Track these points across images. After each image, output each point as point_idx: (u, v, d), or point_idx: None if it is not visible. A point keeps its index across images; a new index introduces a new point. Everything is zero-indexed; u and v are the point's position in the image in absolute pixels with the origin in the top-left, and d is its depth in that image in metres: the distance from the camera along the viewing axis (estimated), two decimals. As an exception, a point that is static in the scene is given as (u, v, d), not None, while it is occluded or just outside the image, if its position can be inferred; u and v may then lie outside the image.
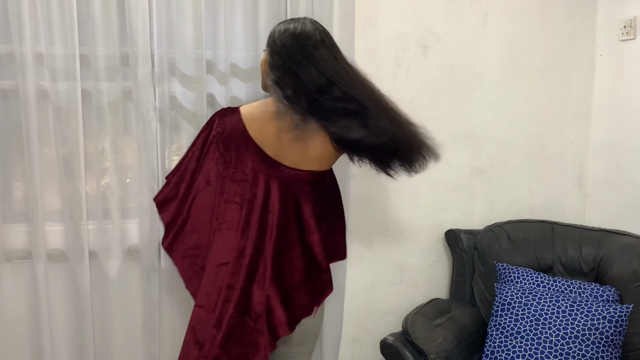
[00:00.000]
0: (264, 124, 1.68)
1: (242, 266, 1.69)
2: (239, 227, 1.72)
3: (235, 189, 1.73)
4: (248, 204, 1.71)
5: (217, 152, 1.79)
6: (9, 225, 2.12)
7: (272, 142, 1.68)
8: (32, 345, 2.14)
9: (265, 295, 1.68)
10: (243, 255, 1.70)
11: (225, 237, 1.74)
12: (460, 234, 2.46)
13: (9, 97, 2.07)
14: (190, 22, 2.12)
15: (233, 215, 1.73)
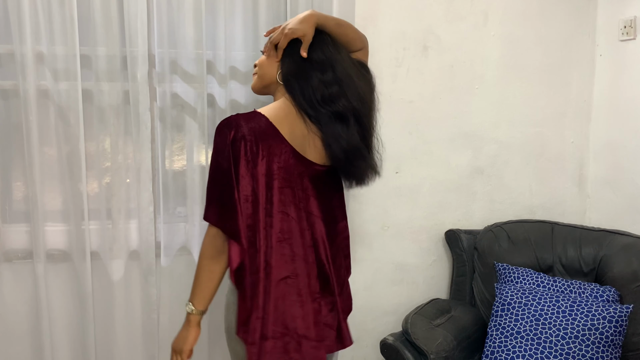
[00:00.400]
0: (292, 125, 1.58)
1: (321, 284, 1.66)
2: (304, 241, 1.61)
3: (283, 199, 1.57)
4: (300, 212, 1.60)
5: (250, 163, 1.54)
6: (9, 225, 2.12)
7: (301, 142, 1.60)
8: (32, 346, 2.14)
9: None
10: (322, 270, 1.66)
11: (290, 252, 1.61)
12: (460, 234, 2.46)
13: (10, 97, 2.08)
14: (190, 22, 2.12)
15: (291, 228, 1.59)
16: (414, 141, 2.48)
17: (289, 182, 1.56)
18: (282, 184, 1.55)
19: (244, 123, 1.52)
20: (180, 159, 2.23)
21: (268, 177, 1.53)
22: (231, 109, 2.20)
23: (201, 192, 2.20)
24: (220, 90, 2.19)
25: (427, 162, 2.50)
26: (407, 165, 2.48)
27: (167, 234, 2.18)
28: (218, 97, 2.20)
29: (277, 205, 1.54)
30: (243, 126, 1.51)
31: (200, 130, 2.18)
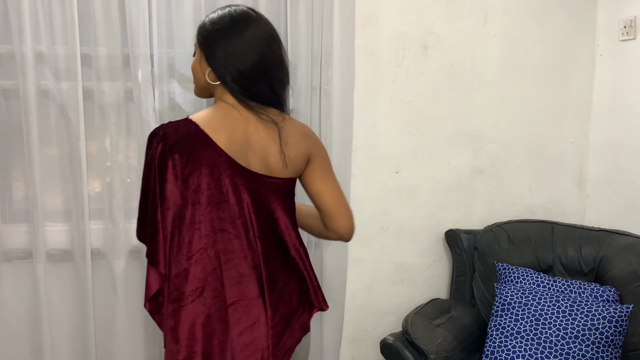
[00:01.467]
0: (231, 129, 1.40)
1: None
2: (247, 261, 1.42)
3: (220, 215, 1.39)
4: (236, 228, 1.41)
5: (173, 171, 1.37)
6: (9, 225, 2.12)
7: (241, 149, 1.41)
8: (32, 345, 2.14)
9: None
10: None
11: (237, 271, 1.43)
12: (460, 234, 2.46)
13: (10, 97, 2.07)
14: (190, 22, 2.12)
15: (233, 248, 1.41)
16: (414, 141, 2.48)
17: (224, 197, 1.39)
18: (217, 199, 1.38)
19: (172, 133, 1.36)
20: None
21: (200, 193, 1.37)
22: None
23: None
24: None
25: (427, 162, 2.50)
26: (407, 165, 2.48)
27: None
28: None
29: (213, 223, 1.39)
30: (171, 136, 1.36)
31: None
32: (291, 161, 1.46)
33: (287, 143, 1.44)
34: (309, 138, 1.51)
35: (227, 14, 1.45)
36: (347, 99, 2.30)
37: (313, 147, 1.52)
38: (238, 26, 1.43)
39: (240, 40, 1.41)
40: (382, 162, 2.45)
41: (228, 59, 1.42)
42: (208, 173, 1.37)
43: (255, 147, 1.42)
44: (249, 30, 1.42)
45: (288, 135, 1.46)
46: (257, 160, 1.42)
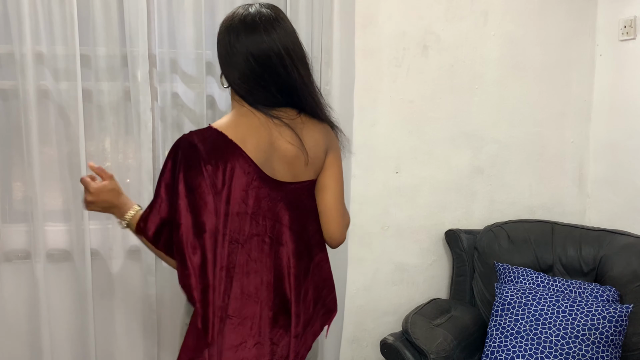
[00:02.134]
0: (257, 138, 1.36)
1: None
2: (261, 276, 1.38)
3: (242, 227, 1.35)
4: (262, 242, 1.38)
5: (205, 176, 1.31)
6: (9, 225, 2.12)
7: (268, 156, 1.37)
8: (32, 345, 2.14)
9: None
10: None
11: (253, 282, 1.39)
12: (460, 234, 2.46)
13: (10, 97, 2.07)
14: (190, 22, 2.12)
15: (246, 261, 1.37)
16: (414, 141, 2.48)
17: (249, 209, 1.35)
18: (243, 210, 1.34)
19: (201, 144, 1.30)
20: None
21: (229, 205, 1.32)
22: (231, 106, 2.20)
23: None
24: (219, 91, 2.19)
25: (427, 162, 2.50)
26: (407, 165, 2.48)
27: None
28: (218, 97, 2.20)
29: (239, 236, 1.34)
30: (199, 147, 1.30)
31: None
32: (312, 160, 1.44)
33: (306, 143, 1.42)
34: (327, 133, 1.49)
35: (233, 16, 1.40)
36: (347, 98, 2.30)
37: (330, 142, 1.50)
38: (233, 33, 1.37)
39: (240, 42, 1.36)
40: (382, 162, 2.45)
41: (227, 70, 1.39)
42: (239, 184, 1.32)
43: (279, 152, 1.38)
44: (254, 32, 1.35)
45: (307, 134, 1.43)
46: (282, 167, 1.39)
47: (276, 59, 1.35)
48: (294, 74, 1.38)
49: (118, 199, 1.42)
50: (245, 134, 1.34)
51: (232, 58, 1.36)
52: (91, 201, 1.41)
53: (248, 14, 1.38)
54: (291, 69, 1.37)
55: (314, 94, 1.43)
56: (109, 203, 1.42)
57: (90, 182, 1.41)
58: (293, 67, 1.37)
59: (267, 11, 1.39)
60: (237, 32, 1.36)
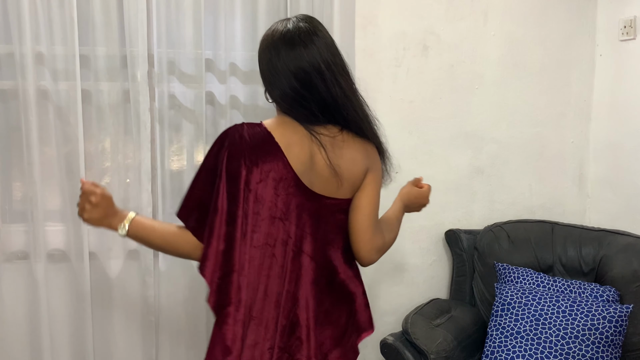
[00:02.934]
0: (299, 148, 1.37)
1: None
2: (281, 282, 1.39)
3: (271, 230, 1.37)
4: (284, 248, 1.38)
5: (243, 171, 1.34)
6: (9, 225, 2.11)
7: (307, 167, 1.38)
8: (32, 345, 2.14)
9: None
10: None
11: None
12: (460, 234, 2.46)
13: (9, 98, 2.07)
14: (190, 22, 2.12)
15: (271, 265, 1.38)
16: (414, 141, 2.48)
17: (282, 214, 1.37)
18: (274, 214, 1.36)
19: (250, 138, 1.35)
20: (180, 159, 2.24)
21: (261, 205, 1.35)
22: (231, 106, 2.20)
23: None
24: (219, 87, 2.19)
25: (427, 162, 2.50)
26: (407, 165, 2.47)
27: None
28: (218, 94, 2.20)
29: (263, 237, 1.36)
30: (247, 140, 1.34)
31: (199, 130, 2.18)
32: (347, 181, 1.42)
33: (344, 162, 1.40)
34: (369, 153, 1.46)
35: (273, 33, 1.40)
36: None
37: (371, 162, 1.47)
38: (274, 50, 1.38)
39: (281, 60, 1.36)
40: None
41: (270, 88, 1.40)
42: (273, 186, 1.35)
43: (318, 167, 1.39)
44: (294, 49, 1.36)
45: (346, 153, 1.41)
46: (319, 181, 1.40)
47: (317, 75, 1.36)
48: (335, 89, 1.37)
49: (113, 207, 1.42)
50: (290, 140, 1.37)
51: (274, 76, 1.38)
52: (96, 203, 1.39)
53: (287, 31, 1.38)
54: (332, 84, 1.37)
55: (358, 107, 1.42)
56: (107, 209, 1.41)
57: (93, 187, 1.41)
58: (334, 82, 1.37)
59: (305, 25, 1.39)
60: (278, 49, 1.37)
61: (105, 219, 1.41)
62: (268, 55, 1.39)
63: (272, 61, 1.38)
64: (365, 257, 1.50)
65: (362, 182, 1.47)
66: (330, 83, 1.37)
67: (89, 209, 1.40)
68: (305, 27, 1.38)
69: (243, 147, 1.34)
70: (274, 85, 1.39)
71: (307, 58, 1.35)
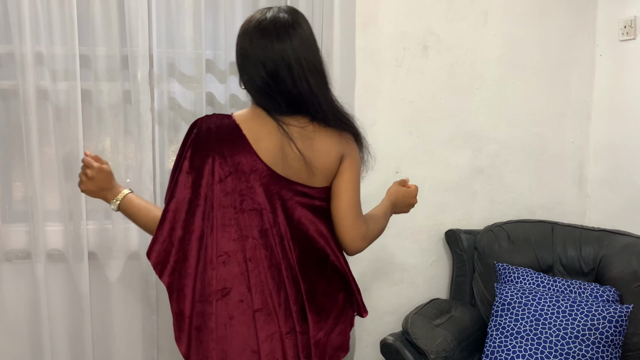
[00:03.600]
0: (268, 140, 1.39)
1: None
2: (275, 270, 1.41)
3: (249, 222, 1.39)
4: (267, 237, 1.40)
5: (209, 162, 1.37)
6: (9, 225, 2.12)
7: (278, 158, 1.40)
8: (32, 345, 2.14)
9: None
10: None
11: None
12: (460, 234, 2.46)
13: (9, 97, 2.07)
14: (190, 22, 2.12)
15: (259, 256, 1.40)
16: (414, 141, 2.48)
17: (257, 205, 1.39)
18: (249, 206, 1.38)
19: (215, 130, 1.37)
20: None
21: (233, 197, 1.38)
22: (231, 105, 2.20)
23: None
24: (219, 87, 2.19)
25: (427, 162, 2.50)
26: (407, 165, 2.48)
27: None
28: (217, 94, 2.20)
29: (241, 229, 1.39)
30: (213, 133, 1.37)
31: None
32: (319, 170, 1.42)
33: (315, 151, 1.40)
34: (342, 141, 1.45)
35: (251, 19, 1.40)
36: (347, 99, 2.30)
37: (346, 149, 1.46)
38: (247, 37, 1.38)
39: (253, 48, 1.36)
40: (382, 162, 2.44)
41: (240, 72, 1.41)
42: (244, 179, 1.37)
43: (289, 158, 1.39)
44: (266, 39, 1.35)
45: (317, 143, 1.41)
46: (292, 170, 1.40)
47: (285, 69, 1.35)
48: (301, 84, 1.36)
49: (111, 182, 1.48)
50: (259, 133, 1.38)
51: (245, 63, 1.38)
52: (91, 177, 1.45)
53: (264, 19, 1.38)
54: (299, 79, 1.36)
55: (325, 104, 1.40)
56: (103, 183, 1.47)
57: (92, 160, 1.47)
58: (302, 78, 1.36)
59: (284, 16, 1.38)
60: (251, 37, 1.37)
61: (101, 192, 1.48)
62: (242, 42, 1.39)
63: (244, 48, 1.38)
64: (350, 244, 1.49)
65: (338, 170, 1.47)
66: (297, 78, 1.36)
67: (85, 181, 1.46)
68: (283, 19, 1.38)
69: (210, 139, 1.36)
70: (244, 72, 1.39)
71: (279, 51, 1.35)
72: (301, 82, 1.37)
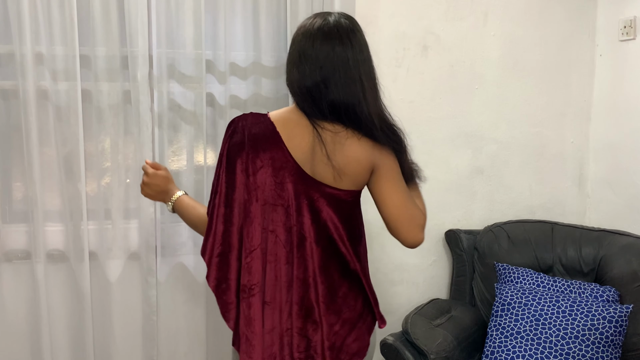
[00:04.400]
0: (301, 139, 1.42)
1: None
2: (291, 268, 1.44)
3: (273, 217, 1.43)
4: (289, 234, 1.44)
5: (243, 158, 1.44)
6: (9, 225, 2.12)
7: (308, 157, 1.42)
8: (32, 345, 2.14)
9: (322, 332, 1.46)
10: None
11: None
12: (460, 234, 2.46)
13: (9, 97, 2.07)
14: (190, 22, 2.12)
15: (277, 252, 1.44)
16: (414, 141, 2.45)
17: (283, 201, 1.42)
18: (275, 201, 1.42)
19: (252, 127, 1.43)
20: (179, 159, 2.24)
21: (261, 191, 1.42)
22: (231, 105, 2.20)
23: (199, 192, 2.20)
24: (219, 88, 2.19)
25: (427, 162, 2.48)
26: (407, 165, 2.48)
27: (165, 234, 2.18)
28: (217, 95, 2.20)
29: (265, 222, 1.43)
30: (249, 129, 1.43)
31: (199, 130, 2.18)
32: (346, 176, 1.42)
33: (345, 158, 1.41)
34: (373, 151, 1.44)
35: (313, 22, 1.43)
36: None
37: (377, 158, 1.45)
38: (309, 39, 1.40)
39: (315, 49, 1.39)
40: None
41: (291, 70, 1.43)
42: (273, 174, 1.42)
43: (317, 158, 1.41)
44: (329, 42, 1.39)
45: (348, 149, 1.41)
46: (320, 170, 1.42)
47: (342, 73, 1.38)
48: (355, 88, 1.39)
49: (167, 185, 1.58)
50: (293, 131, 1.42)
51: (302, 64, 1.40)
52: (146, 182, 1.57)
53: (327, 24, 1.41)
54: (353, 84, 1.39)
55: (374, 113, 1.42)
56: (160, 187, 1.57)
57: (148, 167, 1.59)
58: (357, 82, 1.40)
59: (345, 22, 1.43)
60: (314, 39, 1.40)
61: (159, 195, 1.59)
62: (303, 42, 1.42)
63: (305, 48, 1.40)
64: (410, 241, 1.51)
65: (373, 179, 1.47)
66: (352, 82, 1.39)
67: (143, 186, 1.59)
68: (345, 24, 1.42)
69: (245, 136, 1.42)
70: (298, 70, 1.41)
71: (339, 53, 1.39)
72: (355, 86, 1.39)
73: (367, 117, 1.41)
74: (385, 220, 1.51)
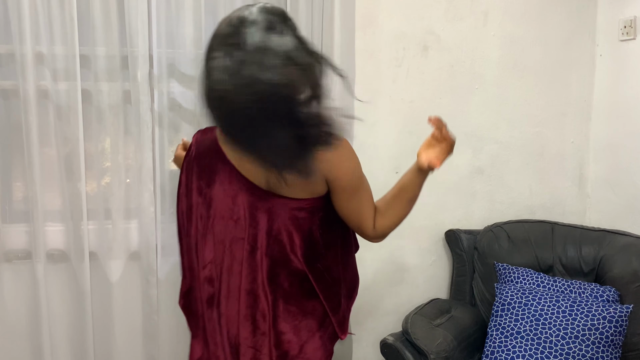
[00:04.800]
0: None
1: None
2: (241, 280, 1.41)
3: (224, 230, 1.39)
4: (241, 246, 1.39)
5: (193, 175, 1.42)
6: (9, 225, 2.12)
7: (258, 169, 1.33)
8: (32, 345, 2.14)
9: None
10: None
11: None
12: (460, 234, 2.46)
13: (10, 97, 2.08)
14: (190, 22, 2.12)
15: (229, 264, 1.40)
16: (414, 141, 2.46)
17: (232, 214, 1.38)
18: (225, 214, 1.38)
19: (201, 141, 1.43)
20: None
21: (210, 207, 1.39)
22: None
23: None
24: None
25: (427, 162, 2.50)
26: (407, 165, 2.45)
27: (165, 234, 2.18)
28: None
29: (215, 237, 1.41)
30: (199, 144, 1.43)
31: None
32: (298, 187, 1.34)
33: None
34: (323, 164, 1.31)
35: (227, 18, 1.27)
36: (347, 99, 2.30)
37: (327, 170, 1.34)
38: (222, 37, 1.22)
39: (217, 56, 1.18)
40: (382, 162, 2.45)
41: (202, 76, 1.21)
42: (223, 189, 1.37)
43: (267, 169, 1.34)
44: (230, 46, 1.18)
45: None
46: (274, 181, 1.33)
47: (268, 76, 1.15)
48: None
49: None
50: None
51: (206, 72, 1.21)
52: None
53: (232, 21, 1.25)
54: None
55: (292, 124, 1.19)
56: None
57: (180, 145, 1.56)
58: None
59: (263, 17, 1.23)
60: (212, 42, 1.22)
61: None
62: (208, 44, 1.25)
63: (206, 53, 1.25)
64: (374, 240, 1.52)
65: (330, 190, 1.40)
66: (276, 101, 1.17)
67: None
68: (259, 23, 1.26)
69: (197, 152, 1.42)
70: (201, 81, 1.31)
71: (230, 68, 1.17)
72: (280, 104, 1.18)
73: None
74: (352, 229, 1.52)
